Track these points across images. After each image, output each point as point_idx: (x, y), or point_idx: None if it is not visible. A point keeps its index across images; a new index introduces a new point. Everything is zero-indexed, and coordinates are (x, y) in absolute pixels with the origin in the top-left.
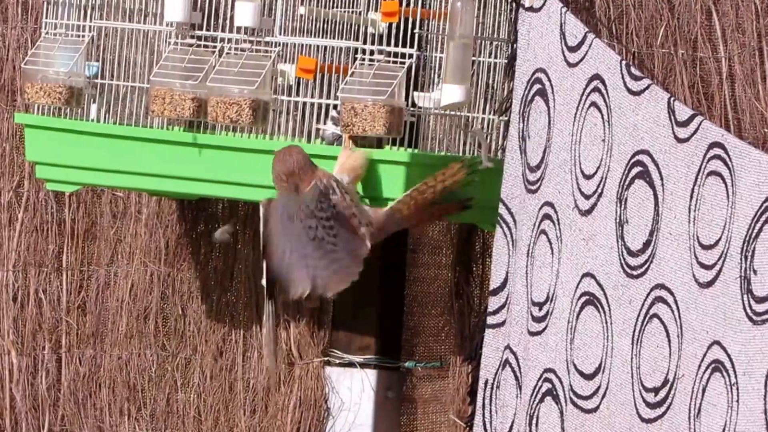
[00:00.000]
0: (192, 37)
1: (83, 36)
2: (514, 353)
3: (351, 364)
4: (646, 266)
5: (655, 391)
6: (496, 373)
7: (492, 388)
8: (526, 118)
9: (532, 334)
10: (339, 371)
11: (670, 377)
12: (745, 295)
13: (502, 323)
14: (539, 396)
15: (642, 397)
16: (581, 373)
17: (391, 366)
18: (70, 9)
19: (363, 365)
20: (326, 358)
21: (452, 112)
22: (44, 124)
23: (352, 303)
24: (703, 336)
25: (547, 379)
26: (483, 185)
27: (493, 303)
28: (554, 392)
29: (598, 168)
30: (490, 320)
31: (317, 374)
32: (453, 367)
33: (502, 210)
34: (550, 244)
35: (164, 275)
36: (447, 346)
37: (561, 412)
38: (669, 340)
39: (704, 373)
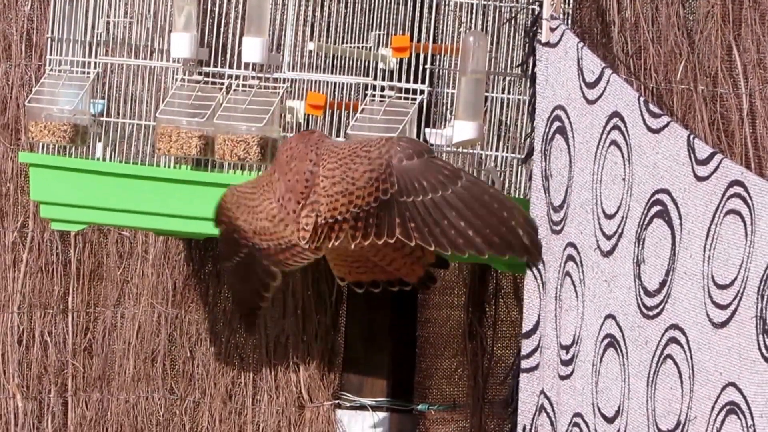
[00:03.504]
0: (199, 73)
1: (88, 73)
2: (548, 398)
3: (362, 407)
4: (661, 306)
5: None
6: (533, 419)
7: None
8: (547, 157)
9: (561, 378)
10: (350, 414)
11: (683, 419)
12: (761, 335)
13: (536, 367)
14: None
15: None
16: (604, 417)
17: (404, 409)
18: (74, 45)
19: (375, 408)
20: (337, 401)
21: (465, 150)
22: (49, 163)
23: (363, 344)
24: (717, 377)
25: (576, 424)
26: None
27: (527, 346)
28: None
29: (619, 207)
30: (524, 364)
31: (328, 417)
32: (466, 409)
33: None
34: (575, 286)
35: (172, 317)
36: (460, 388)
37: None
38: (681, 382)
39: (718, 414)
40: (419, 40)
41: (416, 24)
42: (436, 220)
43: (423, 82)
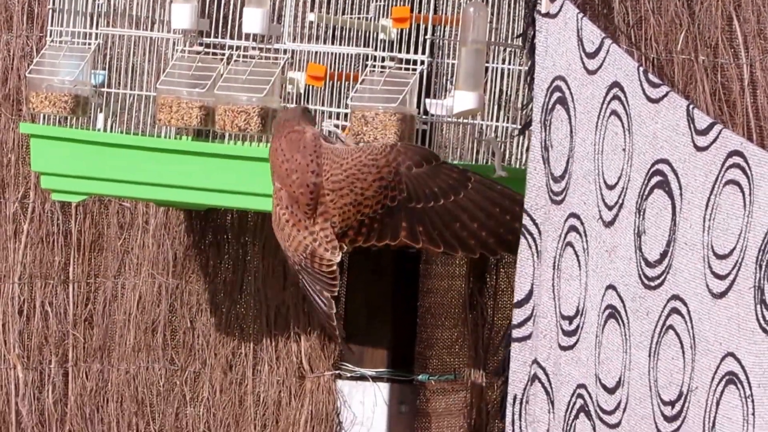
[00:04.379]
0: (200, 44)
1: (89, 44)
2: (542, 368)
3: (363, 378)
4: (662, 277)
5: (672, 404)
6: (524, 389)
7: (521, 404)
8: (547, 127)
9: (563, 348)
10: (351, 385)
11: (684, 390)
12: (759, 306)
13: (528, 336)
14: (574, 412)
15: (660, 410)
16: (605, 387)
17: (404, 379)
18: (75, 16)
19: (375, 378)
20: (338, 372)
21: (465, 120)
22: (50, 134)
23: (364, 315)
24: (717, 347)
25: (579, 395)
26: None
27: (518, 315)
28: (586, 408)
29: (620, 178)
30: (515, 333)
31: (329, 388)
32: (467, 379)
33: (526, 221)
34: (577, 256)
35: (172, 287)
36: (461, 359)
37: (594, 429)
38: (683, 352)
39: (718, 385)
40: (419, 11)
41: None
42: (446, 224)
43: (423, 53)
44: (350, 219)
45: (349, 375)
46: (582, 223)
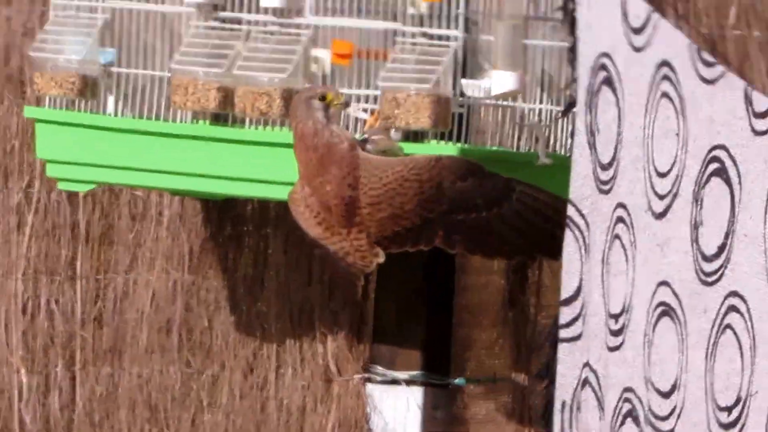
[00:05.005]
0: (215, 19)
1: (96, 19)
2: (594, 371)
3: (395, 381)
4: (720, 272)
5: (729, 410)
6: (574, 393)
7: (571, 411)
8: (593, 110)
9: (610, 349)
10: (381, 389)
11: (743, 394)
12: None
13: (578, 337)
14: (620, 418)
15: (716, 416)
16: (658, 391)
17: (439, 383)
18: None
19: (408, 382)
20: (367, 375)
21: (505, 102)
22: (56, 119)
23: (395, 313)
24: None
25: (626, 399)
26: (543, 184)
27: (566, 314)
28: (634, 413)
29: (673, 165)
30: (563, 333)
31: (357, 392)
32: (507, 383)
33: (571, 212)
34: (625, 250)
35: (188, 283)
36: (501, 361)
37: None
38: (741, 353)
39: None
40: None
41: None
42: (485, 234)
43: (456, 28)
44: (386, 231)
45: (379, 378)
46: (629, 214)
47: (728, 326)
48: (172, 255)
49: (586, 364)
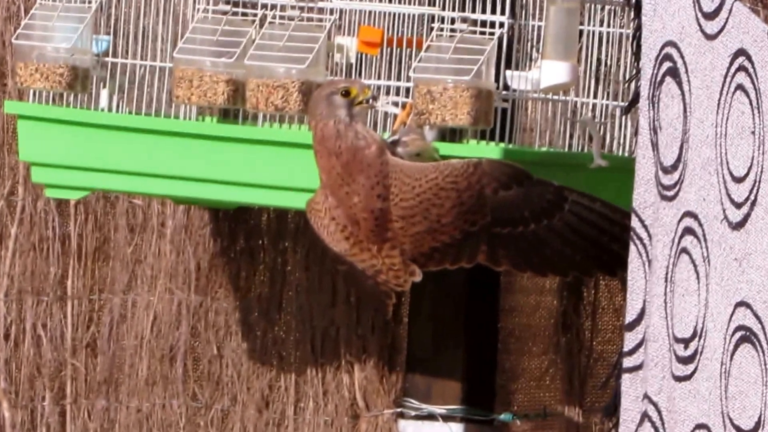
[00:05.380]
0: (226, 2)
1: (89, 2)
2: (654, 404)
3: (431, 417)
4: None
5: None
6: (636, 431)
7: None
8: (656, 105)
9: (677, 379)
10: (416, 425)
11: None
12: None
13: (640, 366)
14: None
15: None
16: (738, 429)
17: (482, 418)
18: None
19: (446, 418)
20: (400, 409)
21: (555, 97)
22: (42, 115)
23: (431, 339)
24: None
25: None
26: (598, 190)
27: (630, 340)
28: None
29: (750, 168)
30: (627, 362)
31: (389, 429)
32: (559, 418)
33: (634, 222)
34: (695, 266)
35: (195, 305)
36: (552, 393)
37: None
38: None
39: None
40: None
41: None
42: (535, 250)
43: (503, 13)
44: (422, 247)
45: (414, 413)
46: (701, 225)
47: None
48: (177, 273)
49: (645, 396)
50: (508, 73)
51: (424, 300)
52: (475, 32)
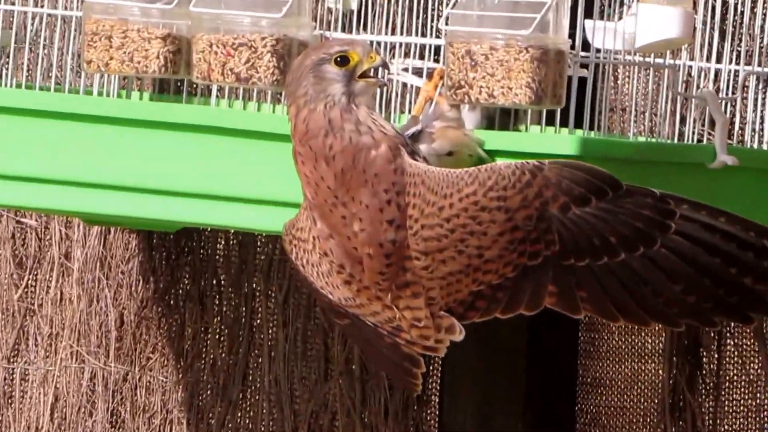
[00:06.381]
0: None
1: None
2: None
3: None
4: None
5: None
6: None
7: None
8: None
9: None
10: None
11: None
12: None
13: None
14: None
15: None
16: None
17: None
18: None
19: None
20: None
21: (659, 60)
22: None
23: (475, 416)
24: None
25: None
26: (723, 200)
27: None
28: None
29: None
30: None
31: None
32: None
33: None
34: None
35: (117, 378)
36: None
37: None
38: None
39: None
40: None
41: None
42: (629, 289)
43: None
44: (459, 293)
45: None
46: None
47: None
48: (88, 329)
49: None
50: (588, 24)
51: (461, 366)
52: None
